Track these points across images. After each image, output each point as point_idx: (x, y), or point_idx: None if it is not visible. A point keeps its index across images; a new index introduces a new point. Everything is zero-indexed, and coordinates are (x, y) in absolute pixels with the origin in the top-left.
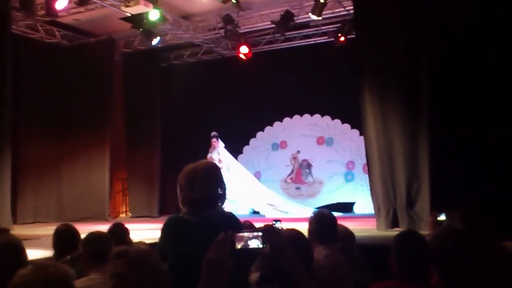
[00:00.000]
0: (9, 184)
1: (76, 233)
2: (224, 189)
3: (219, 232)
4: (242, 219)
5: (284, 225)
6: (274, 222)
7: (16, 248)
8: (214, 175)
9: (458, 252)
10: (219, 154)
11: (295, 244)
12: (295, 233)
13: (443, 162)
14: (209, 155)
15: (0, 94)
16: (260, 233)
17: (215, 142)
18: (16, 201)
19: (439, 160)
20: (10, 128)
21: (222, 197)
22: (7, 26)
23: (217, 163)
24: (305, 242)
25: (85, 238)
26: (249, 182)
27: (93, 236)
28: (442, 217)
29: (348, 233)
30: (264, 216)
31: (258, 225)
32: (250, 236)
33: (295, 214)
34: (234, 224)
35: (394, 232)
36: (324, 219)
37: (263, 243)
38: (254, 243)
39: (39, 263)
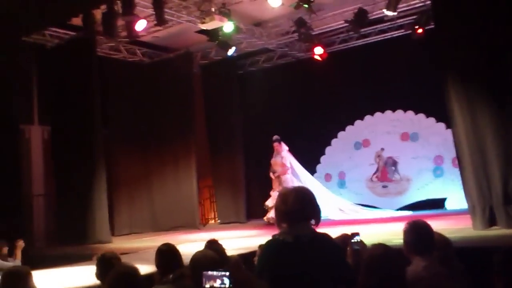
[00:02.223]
0: (106, 199)
1: (177, 252)
2: (318, 209)
3: (314, 253)
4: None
5: (363, 236)
6: (353, 235)
7: (133, 275)
8: (307, 192)
9: None
10: (282, 158)
11: (385, 261)
12: (384, 249)
13: None
14: (272, 160)
15: (91, 113)
16: (227, 273)
17: (277, 146)
18: (112, 214)
19: None
20: (103, 145)
21: (316, 216)
22: (92, 50)
23: (279, 167)
24: (395, 257)
25: (194, 261)
26: (315, 186)
27: (201, 258)
28: None
29: (445, 241)
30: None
31: (334, 231)
32: (219, 275)
33: (365, 216)
34: (327, 245)
35: (492, 231)
36: (419, 230)
37: (230, 282)
38: (221, 283)
39: None
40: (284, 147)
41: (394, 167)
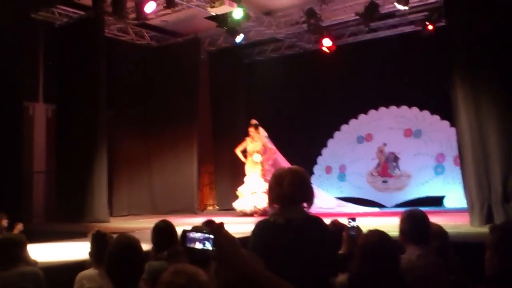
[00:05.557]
0: (105, 179)
1: (173, 230)
2: (312, 192)
3: (303, 237)
4: (328, 217)
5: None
6: (349, 221)
7: (136, 246)
8: (303, 174)
9: None
10: (264, 141)
11: (381, 247)
12: (380, 235)
13: None
14: (251, 146)
15: (95, 94)
16: (212, 236)
17: (253, 131)
18: (111, 195)
19: None
20: (106, 126)
21: (310, 199)
22: (100, 30)
23: (261, 152)
24: (391, 244)
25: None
26: None
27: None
28: None
29: (441, 232)
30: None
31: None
32: (202, 238)
33: (350, 211)
34: (319, 228)
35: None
36: (416, 219)
37: (213, 245)
38: (202, 245)
39: (179, 268)
40: (263, 133)
41: (395, 162)
